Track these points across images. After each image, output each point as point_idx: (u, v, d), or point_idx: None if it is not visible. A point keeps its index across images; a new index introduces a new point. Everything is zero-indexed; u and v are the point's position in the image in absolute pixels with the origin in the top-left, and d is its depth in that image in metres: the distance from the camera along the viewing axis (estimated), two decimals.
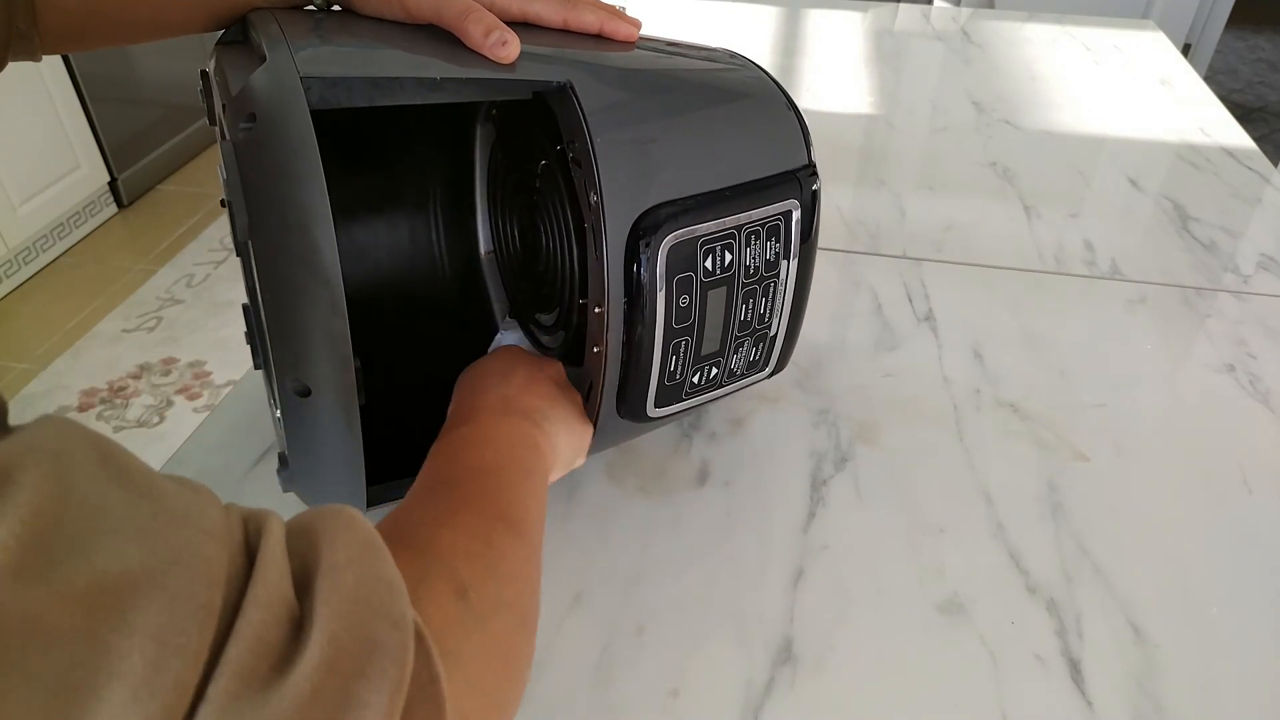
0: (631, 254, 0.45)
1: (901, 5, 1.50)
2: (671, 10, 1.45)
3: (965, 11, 1.49)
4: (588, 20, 0.48)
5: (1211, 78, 3.25)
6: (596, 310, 0.47)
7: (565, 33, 0.48)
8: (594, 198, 0.45)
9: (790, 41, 1.36)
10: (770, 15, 1.45)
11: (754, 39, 1.36)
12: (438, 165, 0.64)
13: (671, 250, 0.46)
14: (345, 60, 0.43)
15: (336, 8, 0.48)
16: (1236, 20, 3.08)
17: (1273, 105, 3.23)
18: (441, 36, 0.45)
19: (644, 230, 0.45)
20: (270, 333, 0.42)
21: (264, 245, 0.40)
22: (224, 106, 0.40)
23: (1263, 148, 1.05)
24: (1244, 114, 3.12)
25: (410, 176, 0.64)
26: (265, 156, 0.39)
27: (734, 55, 0.54)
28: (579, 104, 0.44)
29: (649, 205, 0.45)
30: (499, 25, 0.43)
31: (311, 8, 0.48)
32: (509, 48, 0.43)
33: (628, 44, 0.49)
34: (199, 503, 0.25)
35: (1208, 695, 0.47)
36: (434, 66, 0.43)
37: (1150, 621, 0.51)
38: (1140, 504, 0.58)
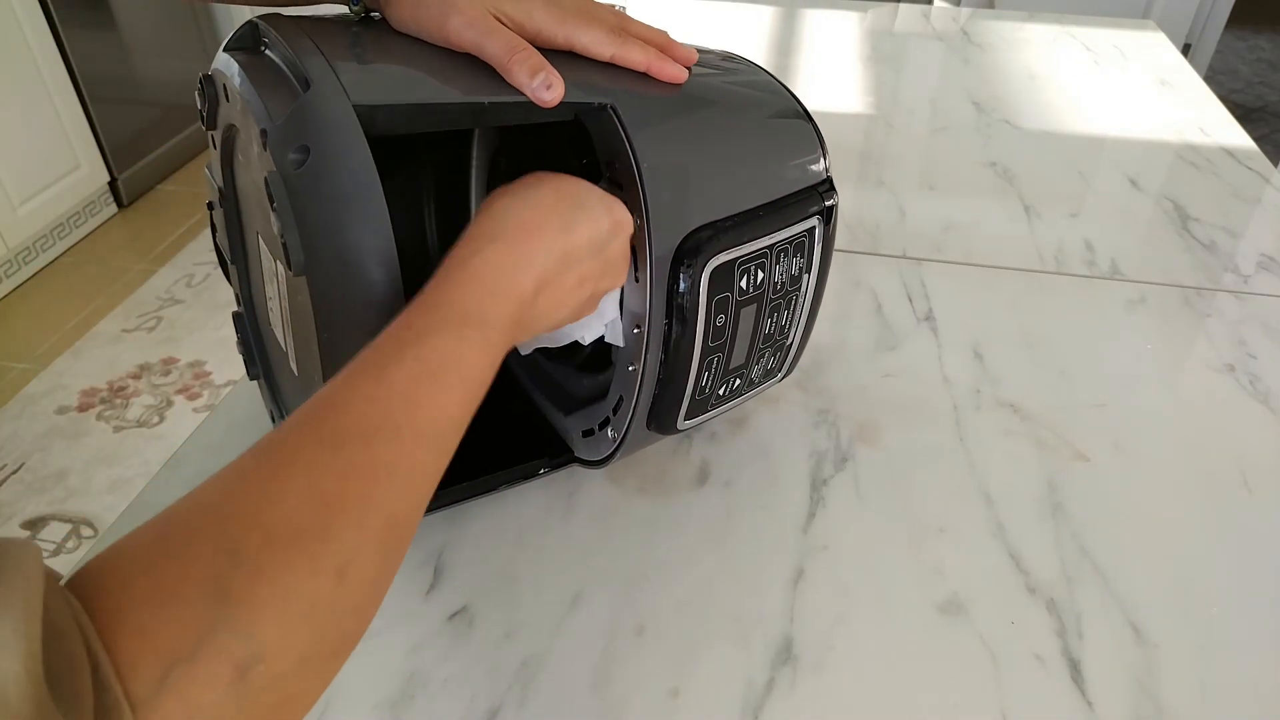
0: (674, 277, 0.45)
1: (901, 5, 1.50)
2: (671, 10, 1.45)
3: (965, 11, 1.49)
4: (635, 59, 0.46)
5: (1211, 78, 3.25)
6: (636, 330, 0.47)
7: (608, 65, 0.47)
8: (637, 221, 0.44)
9: (790, 42, 1.36)
10: (770, 15, 1.45)
11: (754, 39, 1.36)
12: (433, 164, 0.64)
13: (714, 273, 0.46)
14: (392, 85, 0.42)
15: (375, 14, 0.46)
16: (1236, 20, 3.08)
17: (1273, 105, 3.23)
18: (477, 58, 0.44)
19: (687, 253, 0.45)
20: (326, 370, 0.41)
21: (321, 280, 0.39)
22: (263, 132, 0.39)
23: (1263, 148, 1.05)
24: (1244, 114, 3.12)
25: (405, 175, 0.63)
26: (322, 190, 0.38)
27: (743, 60, 0.54)
28: (623, 127, 0.44)
29: (692, 228, 0.45)
30: (544, 66, 0.42)
31: (330, 15, 0.46)
32: (554, 91, 0.42)
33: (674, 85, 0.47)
34: None
35: (1208, 695, 0.47)
36: (477, 89, 0.42)
37: (1150, 621, 0.51)
38: (1140, 504, 0.58)
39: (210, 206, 0.55)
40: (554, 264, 0.39)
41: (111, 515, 1.61)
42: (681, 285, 0.45)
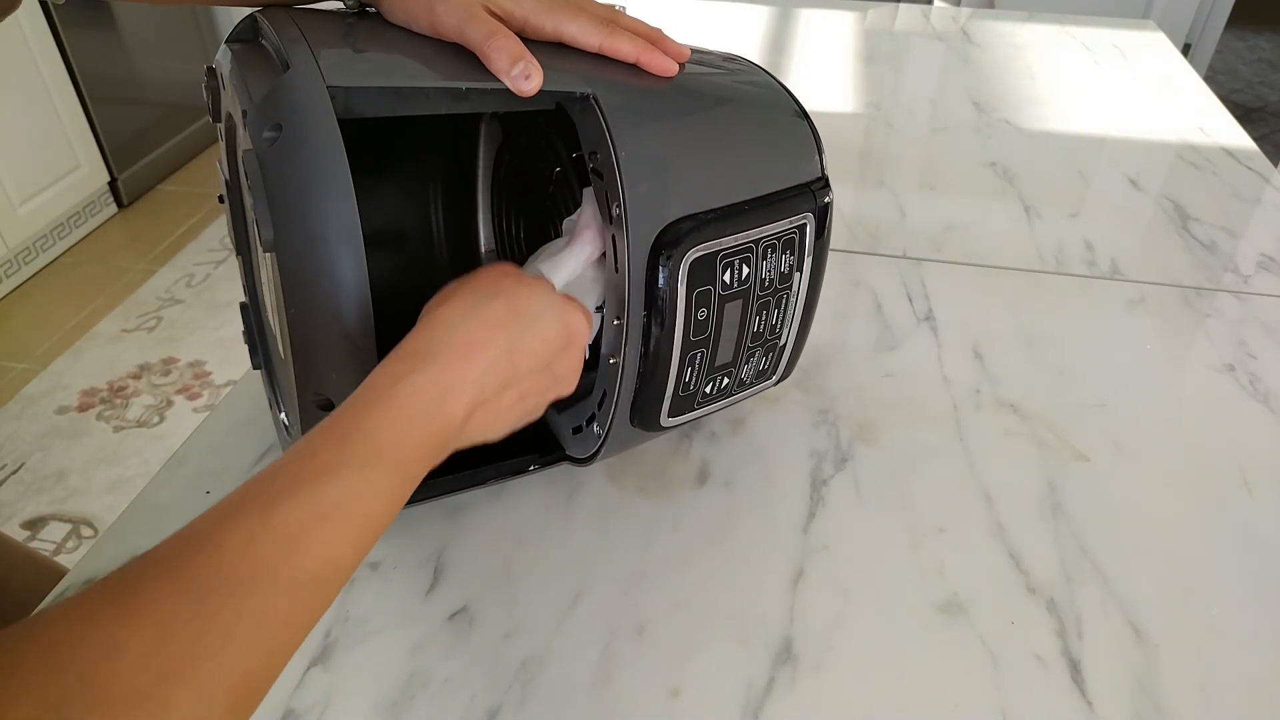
0: (653, 267, 0.45)
1: (901, 5, 1.50)
2: (670, 10, 1.45)
3: (965, 11, 1.49)
4: (624, 49, 0.46)
5: (1211, 78, 3.25)
6: (615, 322, 0.47)
7: (598, 56, 0.47)
8: (616, 210, 0.44)
9: (790, 42, 1.36)
10: (770, 15, 1.45)
11: (754, 39, 1.36)
12: (440, 161, 0.64)
13: (694, 265, 0.46)
14: (369, 69, 0.42)
15: (370, 9, 0.47)
16: (1236, 20, 3.09)
17: (1273, 105, 3.23)
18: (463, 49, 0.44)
19: (666, 244, 0.45)
20: (294, 345, 0.41)
21: (289, 257, 0.39)
22: (244, 113, 0.40)
23: (1263, 148, 1.05)
24: (1244, 114, 3.12)
25: (412, 172, 0.64)
26: (292, 167, 0.38)
27: (744, 61, 0.54)
28: (603, 116, 0.44)
29: (671, 219, 0.45)
30: (524, 55, 0.42)
31: (327, 9, 0.47)
32: (532, 80, 0.41)
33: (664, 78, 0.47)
34: None
35: (1208, 695, 0.47)
36: (458, 76, 0.43)
37: (1150, 621, 0.51)
38: (1140, 504, 0.58)
39: (221, 200, 0.56)
40: (493, 385, 0.37)
41: (111, 515, 1.61)
42: (660, 277, 0.45)
